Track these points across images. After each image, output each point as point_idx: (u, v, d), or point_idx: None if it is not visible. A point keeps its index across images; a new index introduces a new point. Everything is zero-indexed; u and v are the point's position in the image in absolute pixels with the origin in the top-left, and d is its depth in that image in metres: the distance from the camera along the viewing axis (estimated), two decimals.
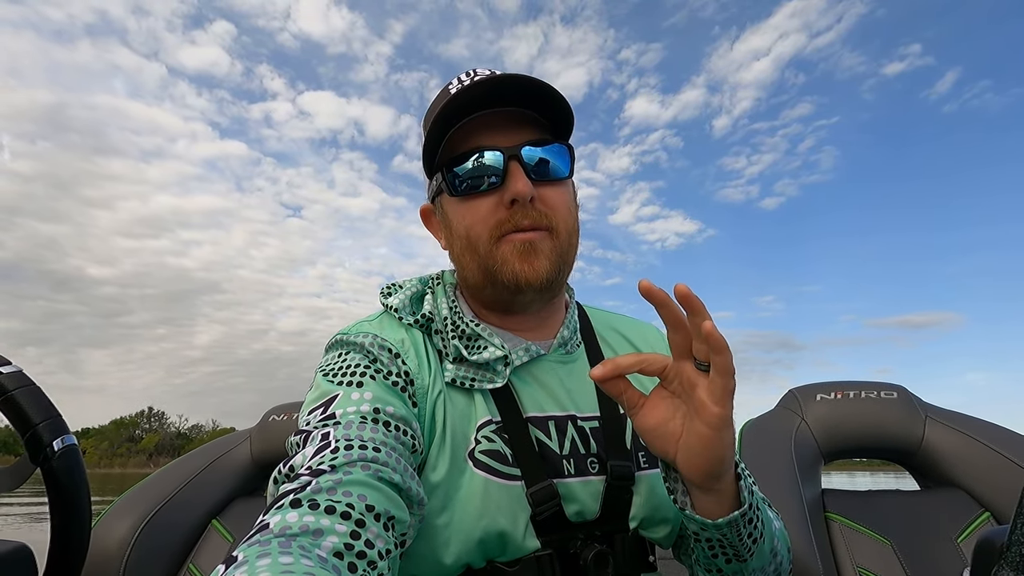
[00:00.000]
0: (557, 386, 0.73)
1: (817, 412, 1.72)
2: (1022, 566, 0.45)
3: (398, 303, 0.75)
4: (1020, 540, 0.46)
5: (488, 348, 0.70)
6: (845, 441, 1.76)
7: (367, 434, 0.57)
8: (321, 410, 0.61)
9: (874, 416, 1.74)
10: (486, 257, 0.69)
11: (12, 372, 0.87)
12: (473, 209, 0.69)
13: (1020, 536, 0.46)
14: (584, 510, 0.68)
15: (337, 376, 0.65)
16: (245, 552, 0.41)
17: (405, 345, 0.70)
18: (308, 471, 0.51)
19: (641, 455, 0.73)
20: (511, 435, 0.67)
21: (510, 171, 0.67)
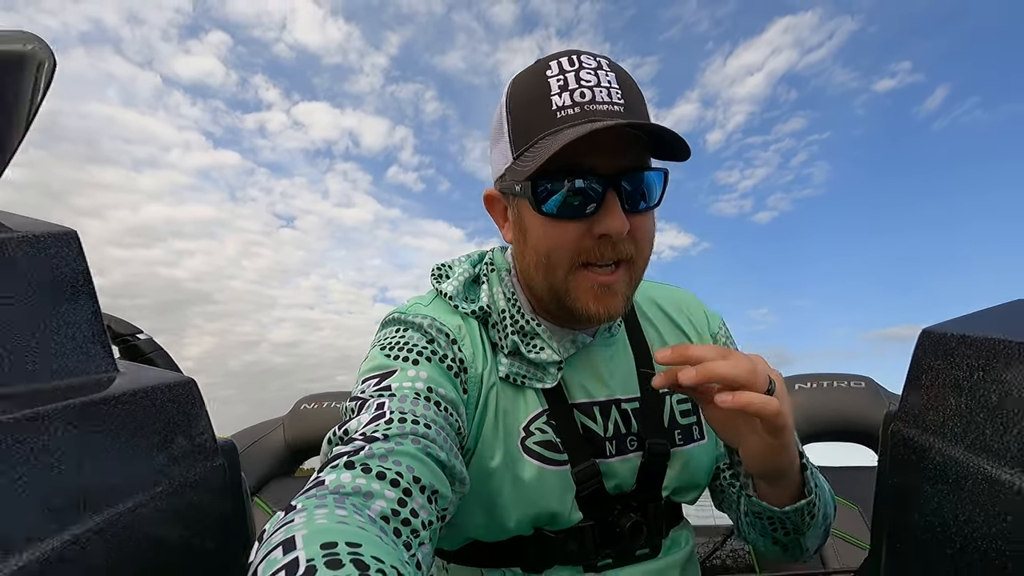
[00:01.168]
0: (602, 370, 0.74)
1: (795, 400, 1.99)
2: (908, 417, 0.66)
3: (452, 291, 0.73)
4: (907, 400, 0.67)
5: (545, 350, 0.70)
6: (819, 425, 2.01)
7: (419, 410, 0.58)
8: (376, 380, 0.62)
9: (844, 403, 2.00)
10: (561, 285, 0.65)
11: (146, 339, 1.09)
12: (558, 232, 0.63)
13: (907, 396, 0.67)
14: (622, 484, 0.72)
15: (394, 351, 0.65)
16: (303, 502, 0.44)
17: (461, 332, 0.70)
18: (362, 437, 0.53)
19: (677, 433, 0.75)
20: (559, 424, 0.69)
21: (606, 203, 0.61)
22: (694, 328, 0.83)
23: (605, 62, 0.63)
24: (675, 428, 0.75)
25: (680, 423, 0.76)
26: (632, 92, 0.62)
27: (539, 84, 0.62)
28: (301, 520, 0.40)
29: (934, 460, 0.61)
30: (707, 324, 0.84)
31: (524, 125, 0.63)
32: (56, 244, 0.64)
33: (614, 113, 0.60)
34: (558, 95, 0.60)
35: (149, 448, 0.62)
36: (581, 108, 0.59)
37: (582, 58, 0.62)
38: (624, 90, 0.61)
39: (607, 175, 0.61)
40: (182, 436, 0.68)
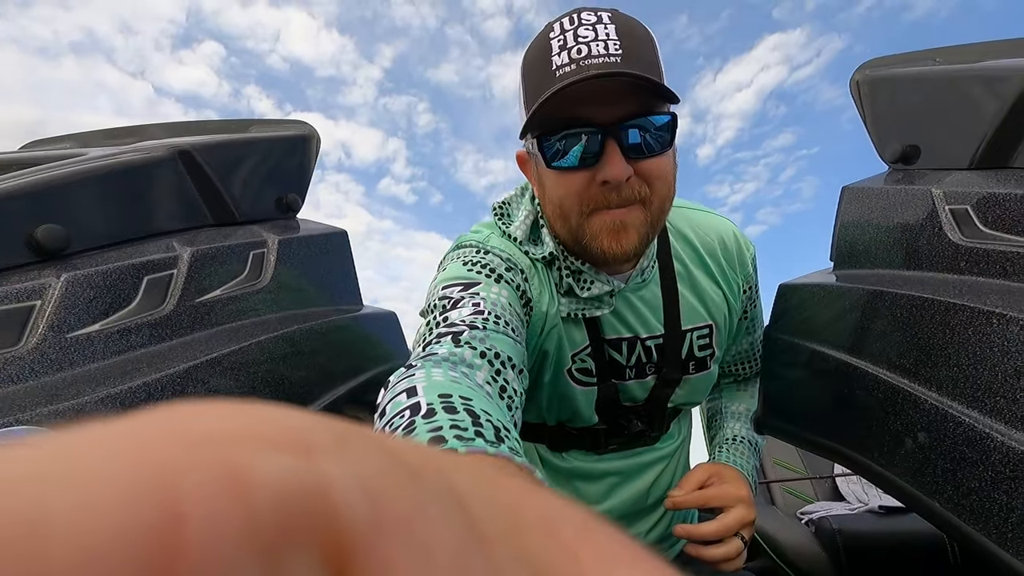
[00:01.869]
0: (631, 313, 0.80)
1: None
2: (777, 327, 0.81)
3: (521, 236, 0.76)
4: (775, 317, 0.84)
5: (595, 284, 0.75)
6: None
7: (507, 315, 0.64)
8: (462, 288, 0.67)
9: None
10: (576, 229, 0.69)
11: None
12: (565, 183, 0.67)
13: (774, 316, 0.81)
14: (635, 398, 0.86)
15: (475, 267, 0.70)
16: (421, 363, 0.50)
17: (531, 272, 0.75)
18: (463, 323, 0.59)
19: (692, 364, 0.85)
20: (595, 356, 0.80)
21: (606, 151, 0.63)
22: (725, 275, 0.85)
23: (607, 15, 0.64)
24: (691, 360, 0.85)
25: (696, 355, 0.85)
26: (634, 41, 0.62)
27: (542, 46, 0.65)
28: (421, 375, 0.47)
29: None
30: (738, 266, 0.86)
31: (532, 87, 0.65)
32: (337, 236, 1.19)
33: (610, 64, 0.60)
34: (557, 55, 0.63)
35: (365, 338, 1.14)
36: (577, 64, 0.61)
37: (582, 15, 0.64)
38: (624, 40, 0.62)
39: (605, 125, 0.63)
40: (378, 337, 1.20)
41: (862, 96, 0.92)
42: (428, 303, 0.69)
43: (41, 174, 0.75)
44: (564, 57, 0.62)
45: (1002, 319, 0.57)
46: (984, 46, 0.88)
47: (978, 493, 0.58)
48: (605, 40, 0.62)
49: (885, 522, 1.60)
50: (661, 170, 0.67)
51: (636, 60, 0.62)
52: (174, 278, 0.78)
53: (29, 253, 0.68)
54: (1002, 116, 0.71)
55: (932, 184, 0.75)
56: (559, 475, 0.90)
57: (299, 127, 1.20)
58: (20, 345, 0.61)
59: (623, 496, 0.90)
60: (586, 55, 0.61)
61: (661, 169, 0.66)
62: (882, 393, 0.71)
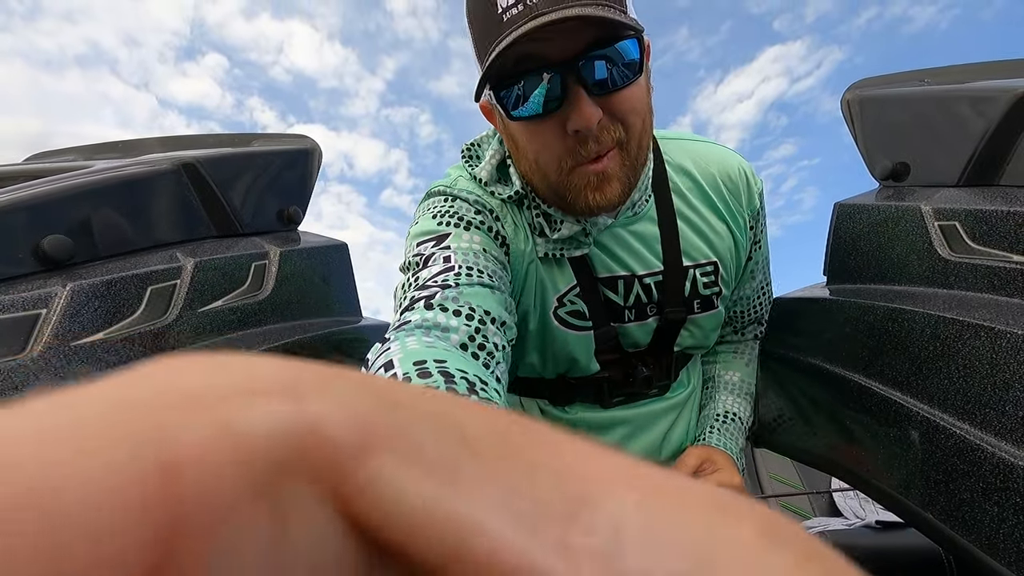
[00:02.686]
0: (623, 250, 0.74)
1: None
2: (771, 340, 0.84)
3: (487, 176, 0.72)
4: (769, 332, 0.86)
5: (564, 224, 0.69)
6: None
7: (482, 263, 0.62)
8: (434, 243, 0.65)
9: None
10: (557, 185, 0.63)
11: None
12: (535, 135, 0.61)
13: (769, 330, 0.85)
14: (638, 342, 0.80)
15: (445, 217, 0.67)
16: (395, 335, 0.51)
17: (503, 211, 0.71)
18: (435, 283, 0.57)
19: (696, 302, 0.79)
20: (586, 296, 0.74)
21: (570, 94, 0.56)
22: (731, 210, 0.79)
23: None
24: (695, 298, 0.78)
25: (701, 293, 0.78)
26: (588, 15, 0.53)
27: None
28: (396, 347, 0.47)
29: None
30: (745, 200, 0.79)
31: (480, 35, 0.58)
32: (337, 248, 1.20)
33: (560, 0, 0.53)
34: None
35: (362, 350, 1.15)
36: (524, 4, 0.53)
37: None
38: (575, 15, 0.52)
39: (562, 63, 0.55)
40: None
41: (853, 115, 0.94)
42: (404, 261, 0.67)
43: (49, 186, 0.76)
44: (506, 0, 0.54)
45: (991, 332, 0.59)
46: (971, 67, 0.91)
47: (970, 504, 0.59)
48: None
49: (882, 537, 1.60)
50: (633, 103, 0.59)
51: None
52: (177, 288, 0.79)
53: (35, 263, 0.69)
54: (988, 135, 0.73)
55: (921, 201, 0.77)
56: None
57: (301, 141, 1.22)
58: (25, 353, 0.61)
59: (635, 449, 0.85)
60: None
61: (633, 102, 0.59)
62: (875, 406, 0.73)
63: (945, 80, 0.89)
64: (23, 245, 0.69)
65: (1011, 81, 0.76)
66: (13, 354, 0.61)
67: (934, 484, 0.64)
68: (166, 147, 1.23)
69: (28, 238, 0.69)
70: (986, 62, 0.89)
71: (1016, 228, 0.65)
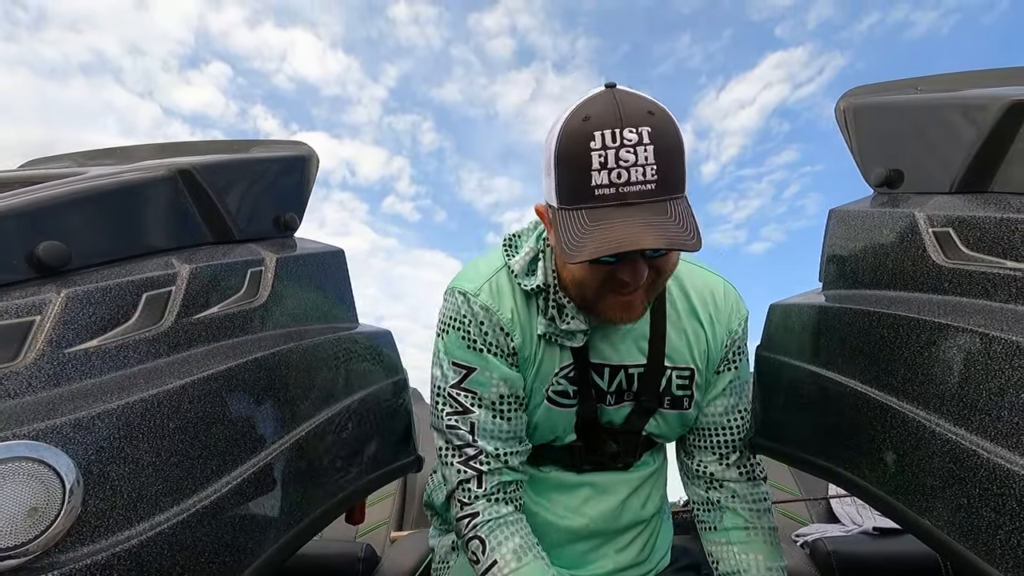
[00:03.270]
0: (618, 343, 0.88)
1: None
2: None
3: (518, 269, 0.86)
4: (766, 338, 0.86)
5: (575, 320, 0.83)
6: None
7: (505, 430, 0.86)
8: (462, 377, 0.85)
9: None
10: (591, 302, 0.79)
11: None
12: (588, 272, 0.75)
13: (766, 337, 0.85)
14: (612, 421, 0.92)
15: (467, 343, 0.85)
16: (485, 534, 0.83)
17: (513, 325, 0.85)
18: (476, 472, 0.85)
19: (667, 399, 0.92)
20: (577, 378, 0.87)
21: (628, 259, 0.71)
22: (712, 322, 0.92)
23: (647, 133, 0.66)
24: (667, 395, 0.91)
25: (673, 393, 0.92)
26: (671, 160, 0.67)
27: (583, 154, 0.67)
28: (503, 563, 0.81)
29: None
30: (728, 320, 0.93)
31: (567, 186, 0.69)
32: (334, 254, 1.20)
33: (646, 193, 0.66)
34: (598, 172, 0.66)
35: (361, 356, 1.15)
36: (616, 189, 0.66)
37: (625, 133, 0.66)
38: (660, 163, 0.66)
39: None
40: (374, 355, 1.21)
41: (847, 122, 0.95)
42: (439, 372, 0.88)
43: (44, 192, 0.76)
44: (604, 178, 0.67)
45: (985, 338, 0.59)
46: (963, 76, 0.92)
47: (967, 511, 0.59)
48: (644, 166, 0.66)
49: (880, 543, 1.60)
50: (670, 264, 0.76)
51: (669, 183, 0.67)
52: (172, 295, 0.79)
53: (30, 269, 0.69)
54: (980, 143, 0.73)
55: (915, 207, 0.77)
56: (537, 485, 0.95)
57: (298, 148, 1.22)
58: (19, 360, 0.61)
59: (596, 510, 0.94)
60: (625, 181, 0.66)
61: (670, 263, 0.76)
62: (872, 412, 0.73)
63: (938, 88, 0.90)
64: (17, 251, 0.68)
65: (1002, 89, 0.76)
66: (6, 361, 0.60)
67: (931, 490, 0.64)
68: (162, 154, 1.23)
69: (23, 244, 0.69)
70: (978, 71, 0.90)
71: (1009, 234, 0.65)
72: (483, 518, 0.84)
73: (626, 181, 0.66)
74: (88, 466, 0.59)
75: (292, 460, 0.86)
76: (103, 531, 0.59)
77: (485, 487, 0.85)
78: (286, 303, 0.99)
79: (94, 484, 0.59)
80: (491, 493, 0.86)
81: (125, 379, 0.67)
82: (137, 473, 0.63)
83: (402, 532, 1.98)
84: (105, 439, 0.61)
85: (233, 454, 0.75)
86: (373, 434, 1.12)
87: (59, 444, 0.57)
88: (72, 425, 0.58)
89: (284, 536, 0.83)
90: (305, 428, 0.90)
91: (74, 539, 0.57)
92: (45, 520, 0.55)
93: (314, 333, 1.02)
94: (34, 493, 0.54)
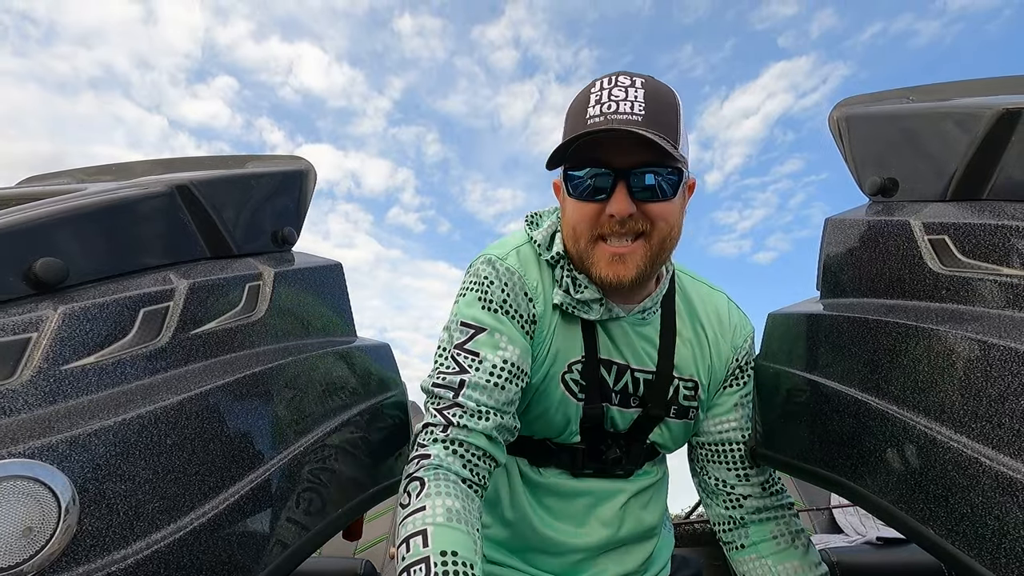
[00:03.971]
0: (626, 344, 0.90)
1: None
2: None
3: (541, 240, 0.89)
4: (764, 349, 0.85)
5: (587, 289, 0.85)
6: None
7: (496, 397, 0.81)
8: (472, 335, 0.84)
9: None
10: (583, 252, 0.82)
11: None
12: (581, 211, 0.79)
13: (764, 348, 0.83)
14: (617, 426, 0.92)
15: (484, 302, 0.85)
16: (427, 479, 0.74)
17: (537, 289, 0.87)
18: (448, 420, 0.80)
19: (674, 408, 0.93)
20: (587, 373, 0.89)
21: (615, 190, 0.76)
22: (717, 335, 0.96)
23: (641, 81, 0.76)
24: (673, 404, 0.93)
25: (680, 403, 0.93)
26: (659, 105, 0.75)
27: (584, 98, 0.78)
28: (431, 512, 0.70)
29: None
30: (732, 336, 0.97)
31: (569, 127, 0.80)
32: (332, 268, 1.20)
33: (631, 122, 0.73)
34: (593, 106, 0.76)
35: (360, 370, 1.14)
36: (604, 116, 0.75)
37: (619, 78, 0.77)
38: (649, 103, 0.74)
39: (617, 169, 0.76)
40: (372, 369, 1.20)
41: (841, 132, 0.96)
42: (449, 322, 0.88)
43: (41, 208, 0.76)
44: (597, 109, 0.76)
45: (984, 345, 0.59)
46: (955, 85, 0.93)
47: (970, 519, 0.59)
48: (633, 101, 0.75)
49: (884, 554, 1.59)
50: (664, 213, 0.79)
51: (655, 122, 0.74)
52: (170, 310, 0.79)
53: (27, 286, 0.68)
54: (973, 151, 0.74)
55: (911, 215, 0.77)
56: (536, 490, 0.94)
57: (296, 162, 1.22)
58: (15, 378, 0.60)
59: (596, 518, 0.93)
60: (613, 111, 0.75)
61: (664, 212, 0.79)
62: (872, 420, 0.73)
63: (930, 97, 0.91)
64: (14, 268, 0.68)
65: (993, 98, 0.77)
66: (2, 379, 0.60)
67: (934, 499, 0.64)
68: (160, 169, 1.23)
69: (19, 261, 0.69)
70: (969, 80, 0.91)
71: (1005, 241, 0.65)
72: (432, 462, 0.77)
73: (614, 111, 0.75)
74: (84, 484, 0.58)
75: (290, 476, 0.85)
76: (99, 550, 0.58)
77: (448, 434, 0.79)
78: (284, 317, 0.99)
79: (90, 503, 0.58)
80: (451, 443, 0.79)
81: (122, 396, 0.67)
82: (134, 491, 0.62)
83: None
84: (101, 457, 0.60)
85: (230, 471, 0.75)
86: (372, 448, 1.11)
87: (55, 462, 0.56)
88: (68, 443, 0.58)
89: (282, 553, 0.82)
90: (303, 443, 0.90)
91: (69, 559, 0.56)
92: (40, 540, 0.54)
93: (312, 347, 1.02)
94: (29, 512, 0.54)
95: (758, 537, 0.93)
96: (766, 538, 0.92)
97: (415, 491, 0.74)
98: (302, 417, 0.92)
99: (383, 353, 1.22)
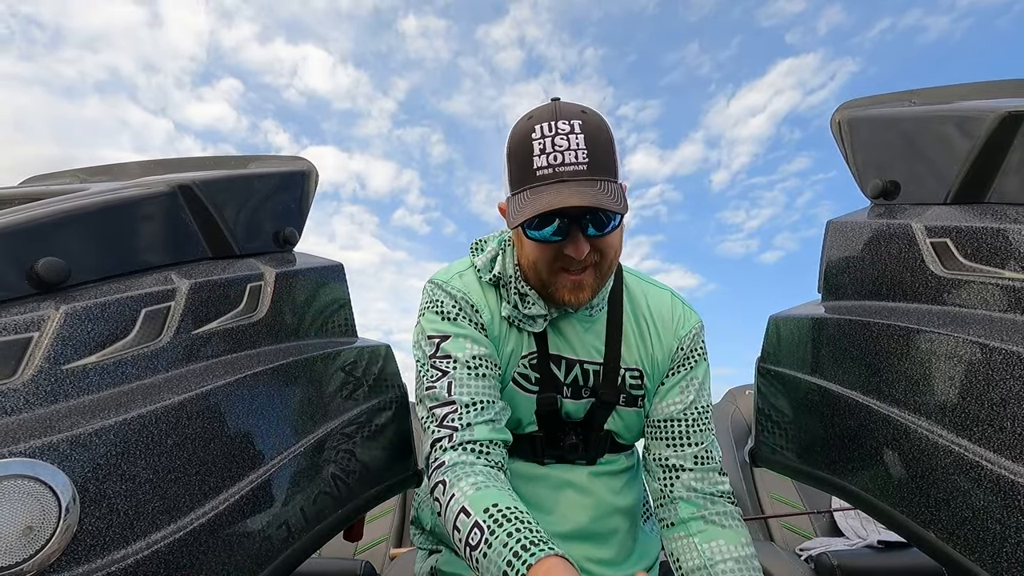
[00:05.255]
0: (575, 338, 0.98)
1: (746, 403, 2.44)
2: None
3: (481, 265, 0.98)
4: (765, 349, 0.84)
5: (535, 306, 0.94)
6: None
7: (477, 386, 0.88)
8: (438, 342, 0.92)
9: None
10: (545, 282, 0.90)
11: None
12: (539, 251, 0.87)
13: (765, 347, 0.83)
14: (573, 415, 0.99)
15: (442, 311, 0.94)
16: (447, 477, 0.79)
17: (481, 303, 0.96)
18: (448, 426, 0.86)
19: (623, 396, 0.99)
20: (538, 366, 0.96)
21: (571, 235, 0.83)
22: (659, 328, 1.02)
23: (578, 124, 0.81)
24: (622, 392, 0.99)
25: (628, 391, 0.99)
26: (599, 146, 0.81)
27: (526, 144, 0.82)
28: (459, 494, 0.76)
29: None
30: (675, 328, 1.02)
31: (515, 175, 0.84)
32: (333, 269, 1.20)
33: (579, 172, 0.80)
34: (538, 157, 0.81)
35: (361, 371, 1.14)
36: (553, 169, 0.80)
37: (558, 124, 0.81)
38: (591, 147, 0.80)
39: (571, 215, 0.82)
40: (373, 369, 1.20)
41: (842, 134, 0.96)
42: (420, 352, 0.94)
43: (43, 208, 0.76)
44: (543, 160, 0.81)
45: (985, 349, 0.59)
46: (956, 88, 0.93)
47: (971, 523, 0.59)
48: (576, 150, 0.81)
49: (884, 557, 1.58)
50: (611, 243, 0.87)
51: (599, 166, 0.81)
52: (171, 310, 0.79)
53: (29, 286, 0.68)
54: (975, 154, 0.74)
55: (912, 218, 0.77)
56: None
57: (297, 163, 1.23)
58: (16, 377, 0.60)
59: (563, 503, 0.98)
60: (560, 163, 0.80)
61: (611, 242, 0.87)
62: (873, 423, 0.72)
63: (931, 100, 0.91)
64: (16, 267, 0.68)
65: (995, 102, 0.77)
66: (4, 378, 0.60)
67: (935, 502, 0.64)
68: (161, 170, 1.23)
69: (21, 260, 0.69)
70: (971, 83, 0.91)
71: (1007, 245, 0.65)
72: (449, 463, 0.83)
73: (561, 163, 0.80)
74: (85, 484, 0.58)
75: (290, 476, 0.85)
76: (99, 550, 0.58)
77: (456, 441, 0.86)
78: (285, 318, 0.99)
79: (90, 502, 0.58)
80: (460, 446, 0.85)
81: (123, 395, 0.67)
82: (134, 491, 0.62)
83: (401, 549, 1.96)
84: (102, 456, 0.60)
85: (231, 471, 0.75)
86: (372, 449, 1.11)
87: (55, 461, 0.56)
88: (69, 442, 0.58)
89: (282, 554, 0.82)
90: (303, 444, 0.90)
91: (70, 558, 0.56)
92: (40, 539, 0.54)
93: (313, 348, 1.02)
94: (29, 511, 0.54)
95: (687, 515, 0.93)
96: (694, 516, 0.93)
97: (441, 492, 0.80)
98: (303, 417, 0.92)
99: (384, 354, 1.22)
